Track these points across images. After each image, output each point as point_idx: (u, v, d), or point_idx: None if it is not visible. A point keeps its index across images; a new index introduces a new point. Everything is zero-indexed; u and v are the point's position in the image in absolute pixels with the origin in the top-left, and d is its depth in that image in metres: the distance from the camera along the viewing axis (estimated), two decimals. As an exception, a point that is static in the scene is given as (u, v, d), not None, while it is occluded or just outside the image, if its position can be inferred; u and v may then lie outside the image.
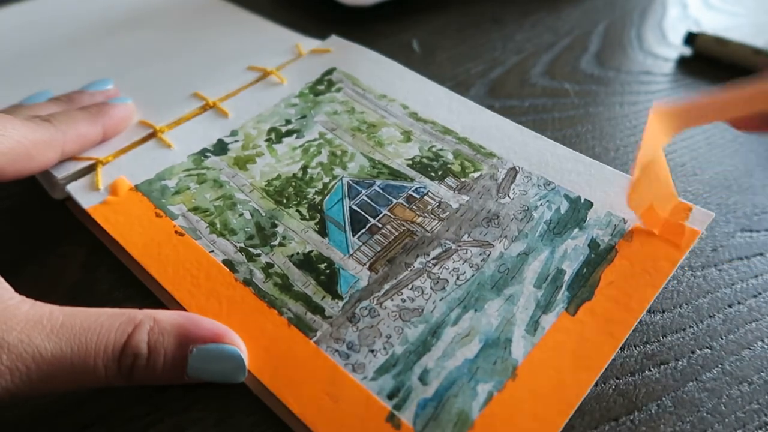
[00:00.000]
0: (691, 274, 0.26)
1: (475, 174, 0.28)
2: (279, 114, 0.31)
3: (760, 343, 0.23)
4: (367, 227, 0.26)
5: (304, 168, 0.28)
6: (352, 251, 0.25)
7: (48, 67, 0.35)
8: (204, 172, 0.28)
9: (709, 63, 0.37)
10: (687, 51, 0.38)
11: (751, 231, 0.27)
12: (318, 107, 0.31)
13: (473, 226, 0.25)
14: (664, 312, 0.24)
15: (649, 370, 0.22)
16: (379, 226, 0.26)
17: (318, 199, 0.27)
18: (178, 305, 0.23)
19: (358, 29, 0.40)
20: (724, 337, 0.23)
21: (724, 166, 0.30)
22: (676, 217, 0.24)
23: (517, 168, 0.28)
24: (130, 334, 0.19)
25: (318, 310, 0.23)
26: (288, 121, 0.31)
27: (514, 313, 0.22)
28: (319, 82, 0.33)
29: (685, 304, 0.25)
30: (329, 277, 0.24)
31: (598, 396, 0.21)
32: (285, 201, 0.27)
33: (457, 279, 0.23)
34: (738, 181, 0.29)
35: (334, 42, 0.35)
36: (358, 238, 0.25)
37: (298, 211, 0.26)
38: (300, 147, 0.29)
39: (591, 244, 0.24)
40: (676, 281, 0.25)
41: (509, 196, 0.26)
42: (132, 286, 0.25)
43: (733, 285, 0.25)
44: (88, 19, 0.40)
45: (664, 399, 0.22)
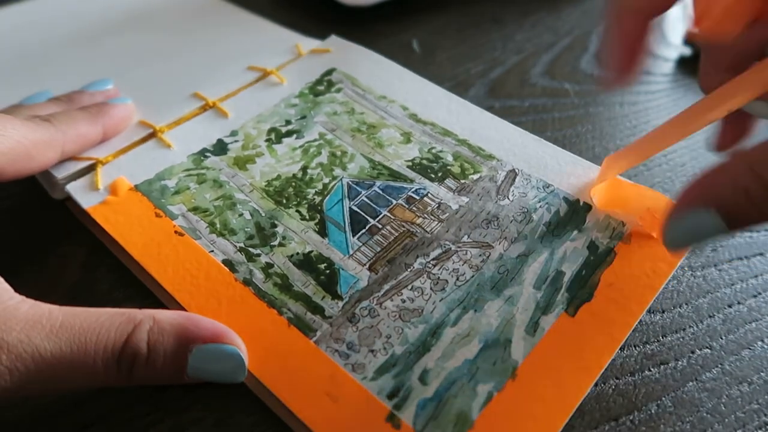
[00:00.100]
0: (691, 274, 0.26)
1: (475, 176, 0.28)
2: (279, 114, 0.31)
3: (760, 343, 0.23)
4: (367, 228, 0.26)
5: (304, 168, 0.28)
6: (352, 252, 0.25)
7: (48, 67, 0.35)
8: (204, 172, 0.28)
9: (709, 63, 0.37)
10: (687, 51, 0.38)
11: (751, 231, 0.27)
12: (318, 108, 0.31)
13: (473, 227, 0.25)
14: (664, 312, 0.24)
15: (649, 370, 0.22)
16: (379, 226, 0.26)
17: (318, 199, 0.27)
18: (178, 305, 0.23)
19: (358, 29, 0.40)
20: (723, 337, 0.23)
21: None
22: None
23: (517, 170, 0.28)
24: (129, 334, 0.19)
25: (318, 310, 0.23)
26: (288, 122, 0.31)
27: (514, 314, 0.22)
28: (318, 82, 0.33)
29: (685, 304, 0.25)
30: (329, 278, 0.24)
31: (598, 396, 0.21)
32: (285, 201, 0.27)
33: (457, 280, 0.23)
34: (738, 181, 0.29)
35: (334, 42, 0.35)
36: (358, 239, 0.25)
37: (298, 211, 0.26)
38: (300, 147, 0.29)
39: (590, 246, 0.24)
40: (676, 281, 0.25)
41: (509, 198, 0.26)
42: (132, 286, 0.25)
43: (732, 285, 0.25)
44: (88, 19, 0.40)
45: (664, 399, 0.22)
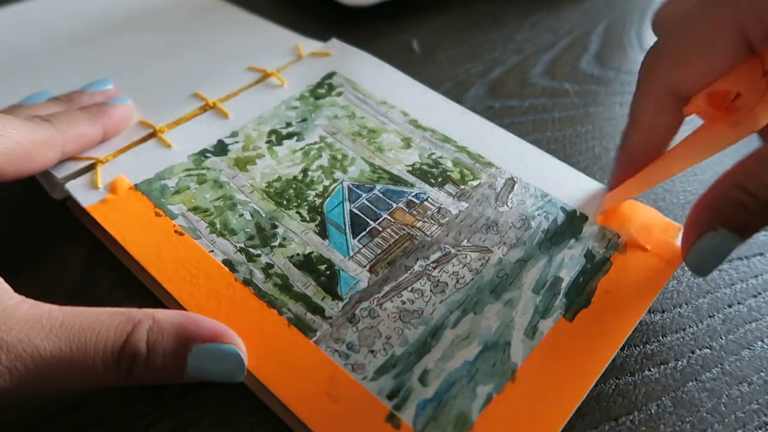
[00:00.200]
0: (691, 274, 0.26)
1: (474, 182, 0.28)
2: (279, 116, 0.31)
3: (759, 343, 0.23)
4: (367, 230, 0.26)
5: (305, 170, 0.28)
6: (352, 253, 0.25)
7: (48, 67, 0.35)
8: (204, 172, 0.28)
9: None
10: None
11: (750, 231, 0.27)
12: (319, 111, 0.31)
13: (472, 232, 0.25)
14: (664, 312, 0.24)
15: (649, 370, 0.22)
16: (380, 229, 0.26)
17: (318, 201, 0.27)
18: (178, 305, 0.23)
19: (358, 29, 0.40)
20: (723, 337, 0.23)
21: (724, 166, 0.30)
22: (666, 236, 0.25)
23: (515, 178, 0.28)
24: (129, 334, 0.19)
25: (318, 310, 0.23)
26: (288, 124, 0.31)
27: (513, 318, 0.22)
28: (319, 85, 0.33)
29: (685, 304, 0.25)
30: (329, 278, 0.24)
31: (597, 396, 0.21)
32: (285, 202, 0.27)
33: (457, 282, 0.24)
34: (738, 182, 0.29)
35: (335, 45, 0.35)
36: (359, 241, 0.25)
37: (298, 212, 0.26)
38: (300, 150, 0.29)
39: (587, 254, 0.24)
40: (676, 281, 0.25)
41: (507, 205, 0.27)
42: (132, 286, 0.25)
43: (733, 285, 0.25)
44: (88, 19, 0.40)
45: (663, 399, 0.22)
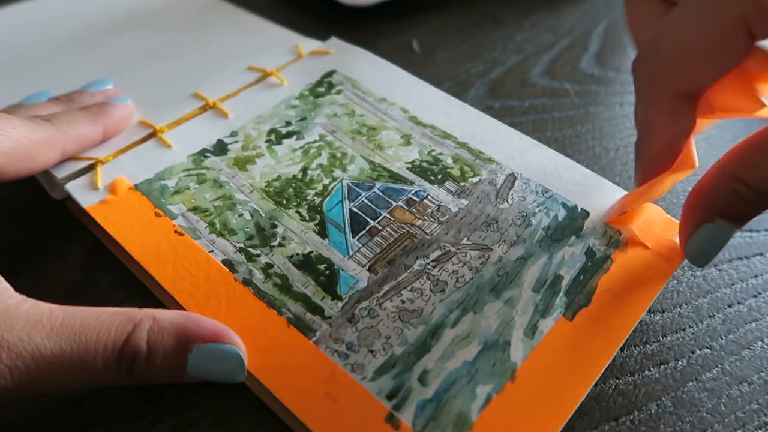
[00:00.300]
0: (691, 274, 0.26)
1: (475, 179, 0.28)
2: (279, 115, 0.31)
3: (760, 343, 0.23)
4: (366, 229, 0.26)
5: (304, 169, 0.28)
6: (351, 252, 0.25)
7: (48, 67, 0.35)
8: (204, 172, 0.28)
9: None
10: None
11: (751, 231, 0.27)
12: (318, 109, 0.31)
13: (472, 229, 0.25)
14: (664, 312, 0.24)
15: (649, 370, 0.22)
16: (379, 228, 0.26)
17: (318, 200, 0.27)
18: (178, 305, 0.23)
19: (358, 29, 0.40)
20: (724, 337, 0.23)
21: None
22: (667, 233, 0.25)
23: (516, 174, 0.28)
24: (129, 333, 0.19)
25: (317, 310, 0.23)
26: (288, 123, 0.31)
27: (513, 317, 0.22)
28: (319, 84, 0.33)
29: (685, 304, 0.25)
30: (329, 278, 0.24)
31: (597, 396, 0.21)
32: (285, 202, 0.27)
33: (457, 281, 0.23)
34: (738, 182, 0.29)
35: (334, 44, 0.35)
36: (358, 240, 0.25)
37: (297, 212, 0.26)
38: (300, 149, 0.29)
39: (587, 252, 0.24)
40: (676, 281, 0.25)
41: (508, 202, 0.26)
42: (132, 286, 0.25)
43: (733, 285, 0.25)
44: (88, 19, 0.40)
45: (663, 399, 0.22)
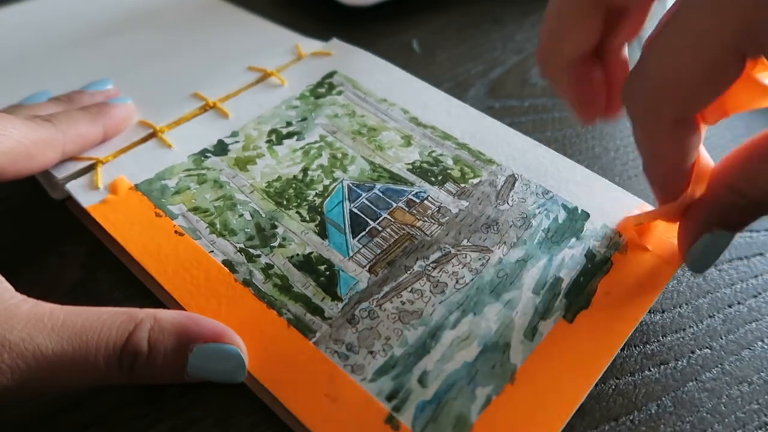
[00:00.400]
0: (691, 275, 0.26)
1: (475, 180, 0.28)
2: (279, 116, 0.31)
3: (760, 343, 0.23)
4: (367, 230, 0.26)
5: (305, 170, 0.28)
6: (352, 253, 0.25)
7: (48, 67, 0.35)
8: (204, 172, 0.28)
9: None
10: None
11: (751, 231, 0.27)
12: (319, 110, 0.31)
13: (472, 231, 0.25)
14: (664, 312, 0.24)
15: (649, 370, 0.22)
16: (379, 229, 0.26)
17: (318, 201, 0.27)
18: (178, 305, 0.23)
19: (358, 29, 0.40)
20: (724, 337, 0.23)
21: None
22: (667, 236, 0.25)
23: (516, 175, 0.28)
24: (131, 333, 0.19)
25: (317, 311, 0.23)
26: (289, 123, 0.31)
27: (513, 318, 0.22)
28: (319, 84, 0.33)
29: (685, 304, 0.25)
30: (329, 279, 0.24)
31: (597, 396, 0.21)
32: (285, 202, 0.27)
33: (457, 283, 0.24)
34: (738, 182, 0.29)
35: (335, 45, 0.35)
36: (358, 241, 0.25)
37: (298, 212, 0.26)
38: (300, 149, 0.29)
39: (587, 254, 0.24)
40: (676, 281, 0.25)
41: (508, 203, 0.26)
42: (132, 286, 0.25)
43: (733, 285, 0.25)
44: (88, 19, 0.40)
45: (663, 399, 0.22)
